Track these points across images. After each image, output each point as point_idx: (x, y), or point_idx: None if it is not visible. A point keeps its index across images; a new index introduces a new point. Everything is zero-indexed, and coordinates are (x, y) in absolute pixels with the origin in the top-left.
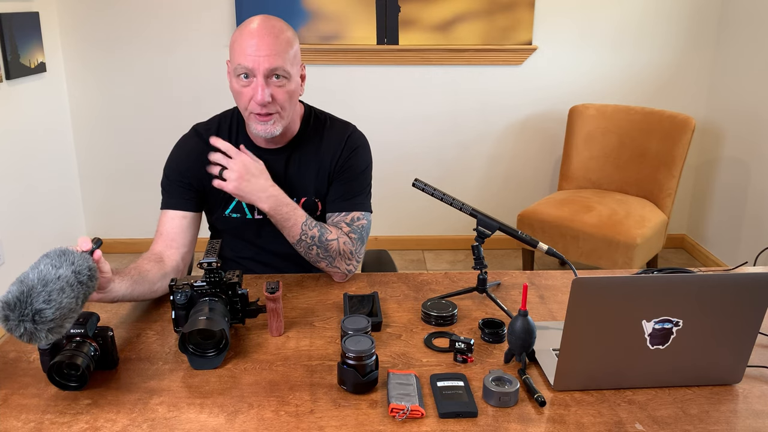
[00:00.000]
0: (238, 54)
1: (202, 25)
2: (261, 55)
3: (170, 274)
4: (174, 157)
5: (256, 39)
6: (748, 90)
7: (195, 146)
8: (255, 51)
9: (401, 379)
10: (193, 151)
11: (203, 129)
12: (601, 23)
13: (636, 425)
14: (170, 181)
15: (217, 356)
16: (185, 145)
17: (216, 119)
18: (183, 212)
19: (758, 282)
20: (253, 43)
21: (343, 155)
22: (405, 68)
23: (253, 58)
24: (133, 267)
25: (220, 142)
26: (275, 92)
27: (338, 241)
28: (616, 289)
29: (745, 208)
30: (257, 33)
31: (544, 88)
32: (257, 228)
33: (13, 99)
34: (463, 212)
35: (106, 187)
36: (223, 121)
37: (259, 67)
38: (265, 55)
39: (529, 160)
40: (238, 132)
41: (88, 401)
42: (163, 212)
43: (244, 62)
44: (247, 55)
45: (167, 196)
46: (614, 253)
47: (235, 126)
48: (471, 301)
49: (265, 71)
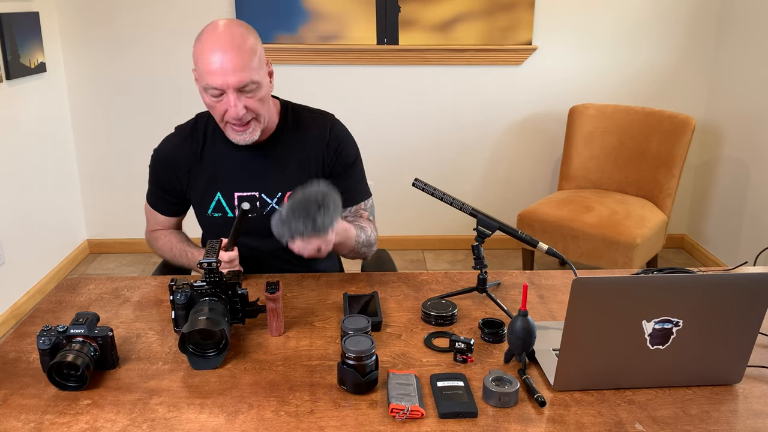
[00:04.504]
0: (204, 72)
1: (202, 25)
2: (228, 73)
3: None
4: (154, 164)
5: (221, 54)
6: (748, 90)
7: (174, 149)
8: (221, 69)
9: (401, 379)
10: (173, 154)
11: (180, 129)
12: (601, 23)
13: (636, 425)
14: (153, 188)
15: (217, 356)
16: (164, 146)
17: (193, 120)
18: (167, 217)
19: (758, 282)
20: (218, 60)
21: (330, 148)
22: (405, 68)
23: (221, 78)
24: (180, 240)
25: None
26: (248, 103)
27: (374, 233)
28: (616, 289)
29: (745, 208)
30: (220, 47)
31: (544, 88)
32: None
33: (13, 99)
34: (463, 212)
35: (106, 187)
36: (200, 122)
37: (228, 85)
38: (233, 71)
39: (529, 160)
40: (215, 132)
41: (88, 401)
42: (148, 205)
43: (212, 82)
44: (214, 74)
45: (152, 197)
46: (614, 253)
47: (212, 127)
48: (471, 301)
49: (234, 88)
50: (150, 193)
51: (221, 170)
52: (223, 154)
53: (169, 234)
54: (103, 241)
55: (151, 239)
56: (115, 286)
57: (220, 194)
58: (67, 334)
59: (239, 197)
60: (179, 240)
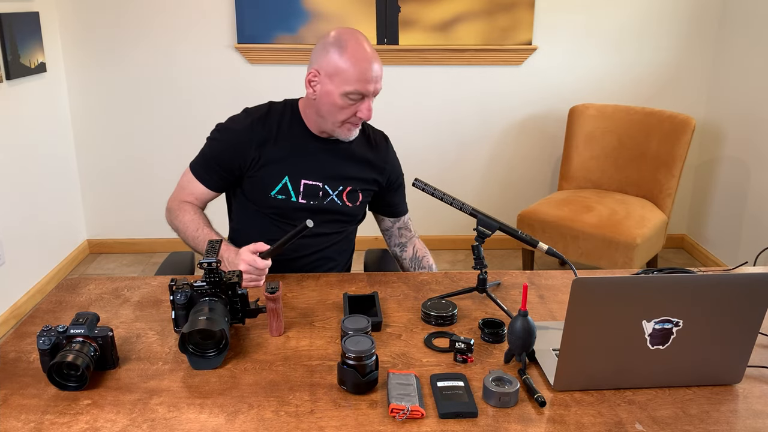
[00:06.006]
0: (354, 79)
1: (202, 24)
2: (376, 82)
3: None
4: (222, 135)
5: (374, 64)
6: (748, 90)
7: (248, 127)
8: (372, 78)
9: (401, 379)
10: (242, 133)
11: (253, 111)
12: (601, 23)
13: (636, 425)
14: (208, 158)
15: (217, 356)
16: (234, 124)
17: (266, 106)
18: (208, 190)
19: (758, 282)
20: (369, 69)
21: (390, 164)
22: (405, 68)
23: (371, 85)
24: (207, 225)
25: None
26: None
27: (427, 253)
28: (616, 289)
29: (745, 208)
30: (369, 58)
31: (544, 88)
32: (300, 212)
33: (13, 99)
34: (463, 212)
35: (106, 187)
36: (274, 109)
37: (373, 92)
38: (378, 80)
39: (529, 160)
40: (292, 122)
41: (88, 401)
42: (190, 173)
43: (361, 88)
44: (366, 82)
45: (201, 168)
46: (614, 253)
47: (288, 116)
48: (471, 301)
49: (376, 94)
50: (199, 164)
51: (293, 156)
52: (298, 142)
53: (200, 213)
54: (103, 241)
55: (176, 209)
56: (115, 286)
57: (288, 178)
58: (67, 334)
59: (305, 184)
60: (207, 225)
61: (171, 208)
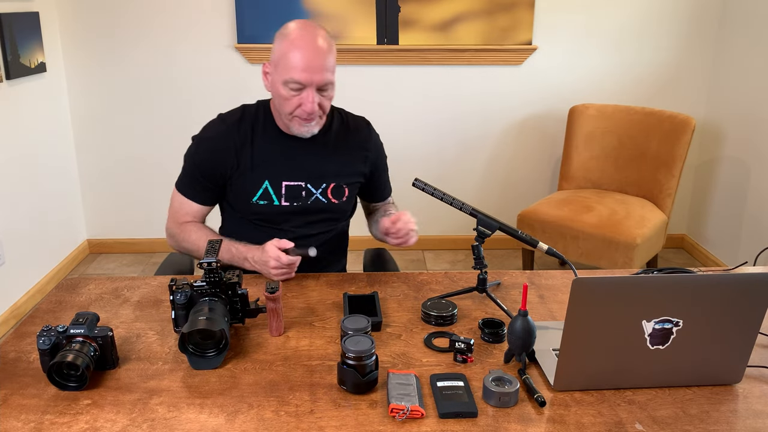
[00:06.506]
0: (291, 66)
1: (202, 24)
2: (315, 72)
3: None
4: (198, 149)
5: (311, 53)
6: (748, 90)
7: (218, 135)
8: (308, 66)
9: (401, 379)
10: (223, 138)
11: (226, 117)
12: (601, 23)
13: (636, 425)
14: (192, 174)
15: (217, 356)
16: (209, 132)
17: (239, 110)
18: (201, 206)
19: (758, 282)
20: (306, 57)
21: (372, 150)
22: (405, 68)
23: (307, 75)
24: (209, 235)
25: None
26: (321, 101)
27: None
28: (616, 289)
29: (745, 208)
30: (311, 47)
31: (544, 88)
32: (284, 215)
33: (13, 99)
34: (463, 212)
35: (106, 187)
36: (247, 112)
37: (312, 82)
38: (318, 70)
39: (529, 160)
40: (266, 122)
41: (88, 401)
42: (179, 195)
43: (298, 77)
44: (301, 71)
45: (187, 186)
46: (614, 253)
47: (261, 118)
48: (471, 301)
49: (316, 86)
50: (184, 183)
51: (271, 159)
52: (273, 144)
53: (203, 227)
54: (103, 241)
55: (179, 233)
56: (115, 286)
57: (268, 182)
58: (67, 334)
59: (287, 186)
60: (214, 235)
61: (173, 234)
